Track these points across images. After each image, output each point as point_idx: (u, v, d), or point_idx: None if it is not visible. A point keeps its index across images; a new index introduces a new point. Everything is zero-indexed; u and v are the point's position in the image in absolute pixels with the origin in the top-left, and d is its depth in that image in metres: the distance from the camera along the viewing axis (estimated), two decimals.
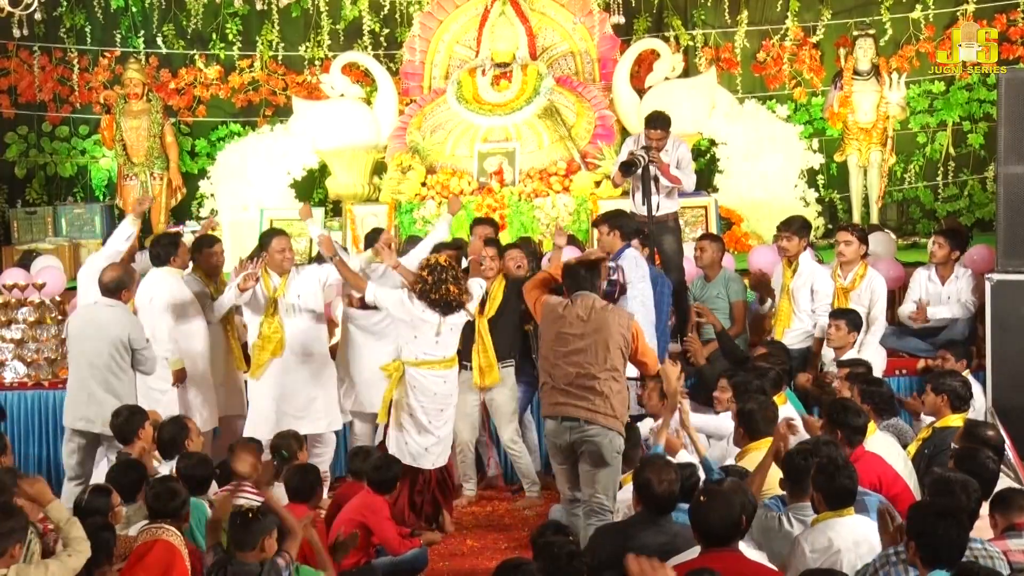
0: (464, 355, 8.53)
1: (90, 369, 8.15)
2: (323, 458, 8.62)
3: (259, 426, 8.32)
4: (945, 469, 5.89)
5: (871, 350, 8.84)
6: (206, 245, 8.93)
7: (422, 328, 8.01)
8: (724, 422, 7.55)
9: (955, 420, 7.02)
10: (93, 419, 8.09)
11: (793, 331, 8.95)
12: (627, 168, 9.43)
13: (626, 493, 6.52)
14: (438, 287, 7.92)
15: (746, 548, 5.22)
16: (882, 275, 9.30)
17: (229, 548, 5.63)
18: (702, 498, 5.09)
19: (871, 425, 6.78)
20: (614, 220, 8.55)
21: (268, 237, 8.71)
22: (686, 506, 5.62)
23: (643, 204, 9.38)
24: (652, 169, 9.42)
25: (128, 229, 8.97)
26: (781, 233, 9.11)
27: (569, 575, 4.97)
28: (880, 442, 6.70)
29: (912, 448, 7.06)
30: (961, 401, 7.11)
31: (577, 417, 6.81)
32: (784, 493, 5.94)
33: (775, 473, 6.12)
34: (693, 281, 9.53)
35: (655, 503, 5.63)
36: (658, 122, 9.57)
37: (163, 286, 8.66)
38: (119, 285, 8.26)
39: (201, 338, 8.76)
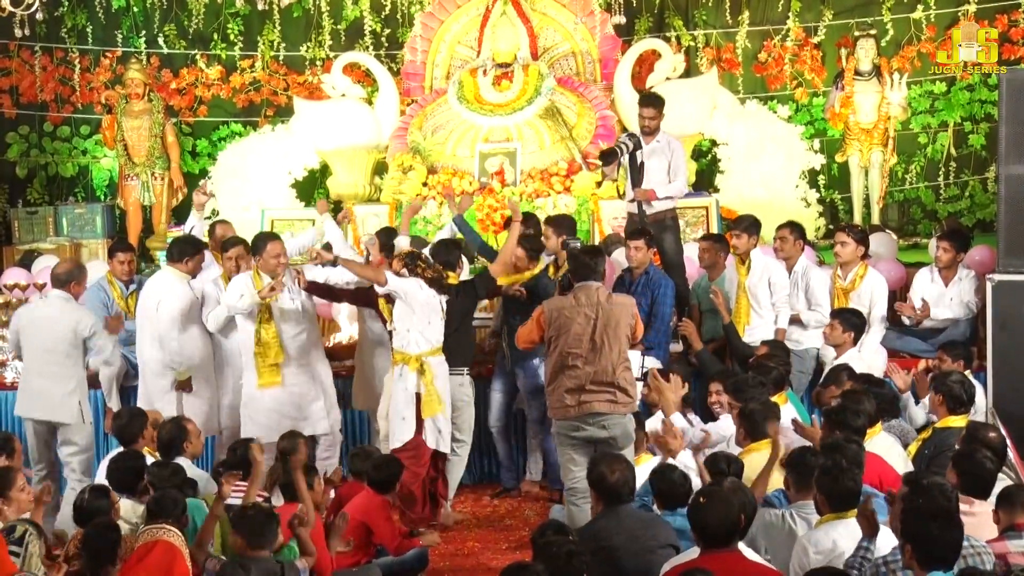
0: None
1: (45, 359, 8.38)
2: (332, 460, 8.59)
3: (258, 431, 8.22)
4: (940, 470, 5.90)
5: (871, 350, 8.84)
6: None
7: (437, 312, 8.12)
8: (721, 426, 7.53)
9: (956, 421, 7.01)
10: (47, 408, 8.40)
11: (753, 328, 8.95)
12: (606, 157, 9.45)
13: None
14: (428, 267, 8.12)
15: (744, 548, 5.22)
16: (883, 275, 9.30)
17: (237, 547, 5.62)
18: (701, 499, 5.10)
19: (877, 426, 6.78)
20: (558, 224, 9.06)
21: (263, 241, 8.63)
22: (683, 510, 5.66)
23: (632, 201, 9.44)
24: (639, 156, 9.44)
25: (191, 222, 9.28)
26: (730, 232, 9.18)
27: (569, 574, 4.98)
28: (881, 443, 6.70)
29: (912, 448, 7.06)
30: (958, 403, 7.08)
31: (603, 412, 7.03)
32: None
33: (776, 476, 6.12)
34: (697, 280, 9.53)
35: (611, 493, 5.77)
36: (650, 100, 9.67)
37: (173, 290, 8.64)
38: (69, 277, 8.52)
39: (204, 343, 8.73)
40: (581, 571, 5.01)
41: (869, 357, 8.75)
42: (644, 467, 6.75)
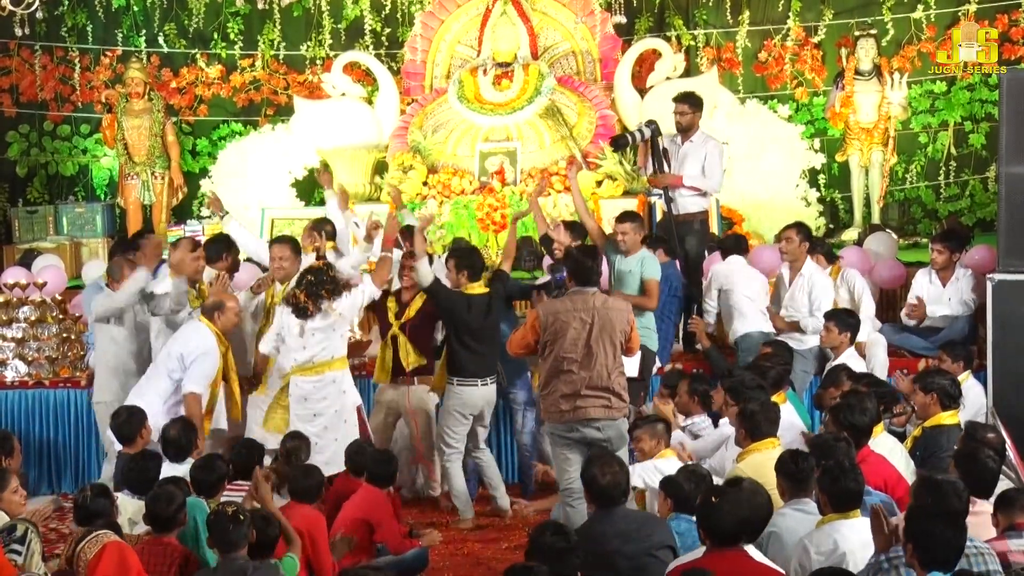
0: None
1: None
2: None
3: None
4: (936, 470, 5.88)
5: (866, 338, 8.83)
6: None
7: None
8: (720, 435, 7.51)
9: (947, 418, 7.01)
10: None
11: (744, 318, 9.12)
12: (616, 143, 9.44)
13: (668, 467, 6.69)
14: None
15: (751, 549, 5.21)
16: (856, 269, 9.42)
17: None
18: (713, 498, 5.09)
19: (879, 426, 6.77)
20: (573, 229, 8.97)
21: (270, 243, 8.65)
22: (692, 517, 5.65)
23: (656, 190, 9.51)
24: (660, 142, 9.44)
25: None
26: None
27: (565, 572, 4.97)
28: (884, 443, 6.69)
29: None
30: (951, 399, 7.08)
31: (597, 417, 7.02)
32: None
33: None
34: (606, 253, 8.80)
35: (603, 495, 5.74)
36: (682, 97, 9.72)
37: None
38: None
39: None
40: (576, 568, 4.99)
41: (867, 346, 8.75)
42: (665, 462, 6.78)
